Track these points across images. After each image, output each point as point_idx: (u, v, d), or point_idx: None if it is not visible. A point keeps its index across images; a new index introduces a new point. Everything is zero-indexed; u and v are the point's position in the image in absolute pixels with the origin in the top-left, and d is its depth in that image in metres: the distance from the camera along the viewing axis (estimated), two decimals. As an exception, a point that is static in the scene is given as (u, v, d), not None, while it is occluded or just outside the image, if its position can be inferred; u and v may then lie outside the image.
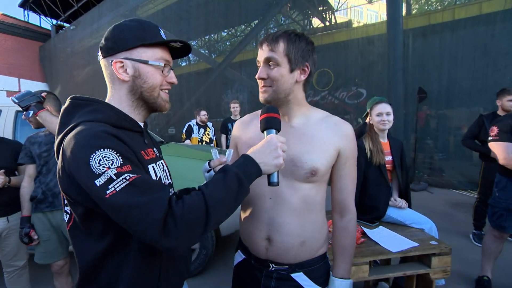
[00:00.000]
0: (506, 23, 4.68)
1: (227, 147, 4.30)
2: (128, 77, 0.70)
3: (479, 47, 4.98)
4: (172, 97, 9.41)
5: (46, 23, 14.35)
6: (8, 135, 2.46)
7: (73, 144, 0.57)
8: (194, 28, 8.66)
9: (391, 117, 1.93)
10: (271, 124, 0.74)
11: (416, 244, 1.55)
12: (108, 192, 0.54)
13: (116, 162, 0.56)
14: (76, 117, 0.65)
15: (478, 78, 4.97)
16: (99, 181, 0.54)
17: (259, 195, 0.88)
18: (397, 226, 1.82)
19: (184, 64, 10.04)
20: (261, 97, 0.86)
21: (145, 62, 0.69)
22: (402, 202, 1.90)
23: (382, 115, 1.91)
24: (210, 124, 4.27)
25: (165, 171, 0.80)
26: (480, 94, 4.94)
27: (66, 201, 0.66)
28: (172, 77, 0.75)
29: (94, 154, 0.55)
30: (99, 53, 0.71)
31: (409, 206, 1.95)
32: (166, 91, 0.76)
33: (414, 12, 6.58)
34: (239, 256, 1.00)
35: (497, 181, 2.05)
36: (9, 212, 1.81)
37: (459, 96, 5.26)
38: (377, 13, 7.21)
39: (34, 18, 13.19)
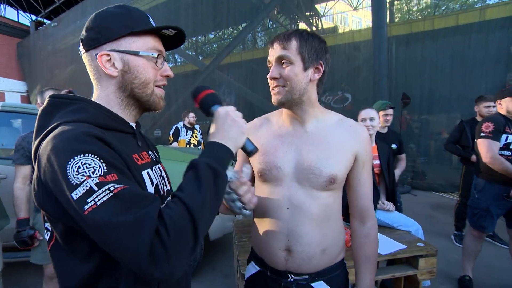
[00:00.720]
0: (481, 34, 4.92)
1: None
2: (117, 72, 0.61)
3: (457, 56, 5.21)
4: (158, 99, 9.29)
5: (25, 18, 13.76)
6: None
7: (50, 149, 0.49)
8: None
9: (375, 122, 1.98)
10: (211, 100, 0.68)
11: (404, 246, 1.59)
12: (86, 207, 0.45)
13: (98, 170, 0.47)
14: (56, 118, 0.56)
15: (456, 85, 5.20)
16: (76, 193, 0.45)
17: (275, 206, 0.84)
18: (385, 228, 1.86)
19: (170, 65, 9.87)
20: (274, 99, 0.81)
21: (136, 54, 0.60)
22: (390, 205, 1.95)
23: (365, 120, 1.97)
24: (197, 127, 4.22)
25: (163, 177, 0.72)
26: (458, 101, 5.16)
27: (45, 217, 0.58)
28: (166, 69, 0.66)
29: (72, 160, 0.46)
30: (81, 47, 0.63)
31: (397, 209, 2.01)
32: (162, 86, 0.67)
33: (396, 20, 6.82)
34: (252, 268, 0.95)
35: (475, 183, 2.14)
36: None
37: (439, 102, 5.47)
38: (362, 20, 7.42)
39: (11, 13, 12.61)
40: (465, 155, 2.85)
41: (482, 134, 1.99)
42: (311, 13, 8.43)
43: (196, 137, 4.09)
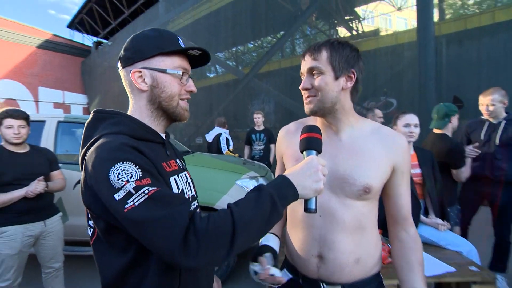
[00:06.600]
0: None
1: (250, 158, 4.26)
2: (147, 87, 0.70)
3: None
4: (201, 108, 9.74)
5: (88, 40, 15.68)
6: (50, 144, 2.67)
7: (94, 157, 0.58)
8: (222, 41, 8.94)
9: (418, 130, 1.81)
10: (312, 144, 0.70)
11: (453, 269, 1.41)
12: (126, 206, 0.53)
13: (135, 175, 0.56)
14: (99, 130, 0.67)
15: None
16: (118, 195, 0.54)
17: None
18: (429, 246, 1.68)
19: (212, 75, 10.38)
20: (306, 108, 0.84)
21: (163, 71, 0.69)
22: (445, 225, 1.75)
23: (410, 126, 1.79)
24: (226, 132, 4.25)
25: (189, 183, 0.79)
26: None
27: (89, 215, 0.67)
28: (190, 85, 0.75)
29: (113, 167, 0.55)
30: (119, 64, 0.73)
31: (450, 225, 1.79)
32: (186, 100, 0.75)
33: (448, 17, 6.26)
34: (285, 275, 0.95)
35: None
36: (46, 216, 1.92)
37: (501, 105, 4.85)
38: (407, 20, 6.94)
39: (78, 37, 14.65)
40: None
41: None
42: (351, 16, 8.16)
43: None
